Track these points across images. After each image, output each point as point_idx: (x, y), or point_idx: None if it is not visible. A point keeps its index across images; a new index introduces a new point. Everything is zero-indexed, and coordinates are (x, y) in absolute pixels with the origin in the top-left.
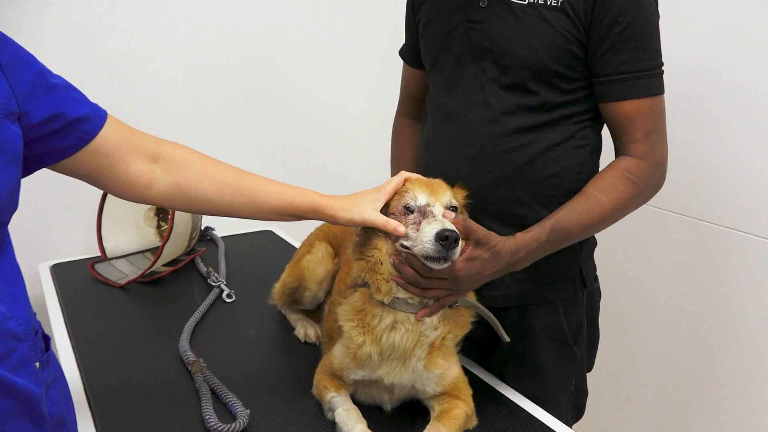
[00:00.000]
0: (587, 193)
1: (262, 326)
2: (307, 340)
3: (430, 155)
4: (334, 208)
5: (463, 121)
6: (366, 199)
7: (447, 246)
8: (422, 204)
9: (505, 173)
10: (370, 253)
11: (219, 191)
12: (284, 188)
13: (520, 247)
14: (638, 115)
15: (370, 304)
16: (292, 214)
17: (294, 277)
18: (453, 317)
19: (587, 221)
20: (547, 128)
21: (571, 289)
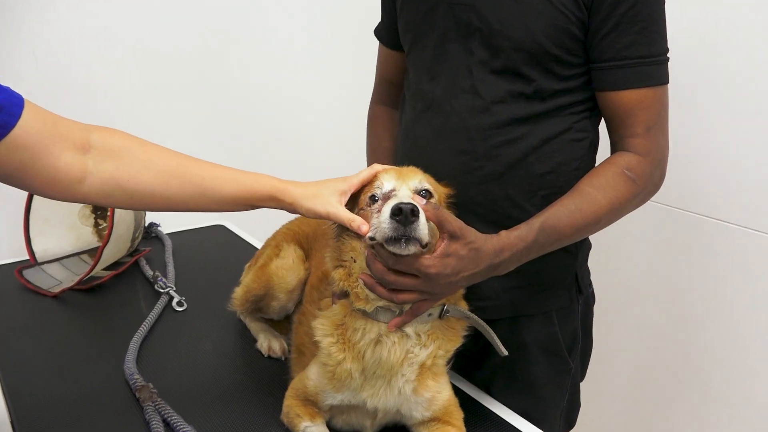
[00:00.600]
0: (581, 190)
1: (219, 338)
2: (271, 355)
3: (410, 148)
4: (295, 195)
5: (448, 110)
6: (330, 189)
7: (403, 220)
8: (387, 190)
9: (495, 170)
10: (346, 257)
11: (163, 182)
12: (238, 174)
13: (504, 246)
14: (640, 107)
15: (351, 316)
16: (248, 203)
17: (260, 284)
18: (443, 330)
19: (581, 221)
20: (543, 119)
21: (567, 297)
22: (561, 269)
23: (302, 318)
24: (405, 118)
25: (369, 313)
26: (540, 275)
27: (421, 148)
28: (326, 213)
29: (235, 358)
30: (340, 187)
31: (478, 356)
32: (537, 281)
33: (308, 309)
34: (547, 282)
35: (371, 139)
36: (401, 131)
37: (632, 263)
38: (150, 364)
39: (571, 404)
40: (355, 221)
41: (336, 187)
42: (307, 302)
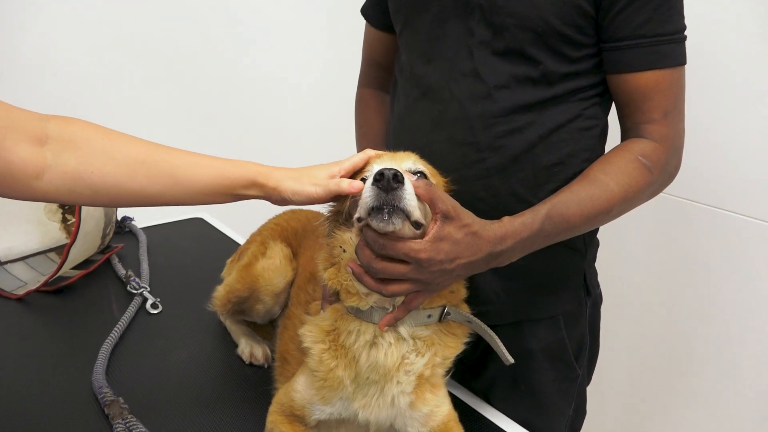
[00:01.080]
0: (592, 176)
1: (197, 343)
2: (253, 362)
3: (403, 139)
4: (278, 177)
5: (447, 97)
6: (318, 171)
7: (384, 185)
8: (377, 170)
9: (498, 162)
10: (337, 251)
11: (130, 173)
12: (215, 160)
13: (507, 233)
14: (657, 90)
15: (343, 320)
16: (228, 192)
17: (245, 285)
18: (442, 336)
19: (591, 210)
20: (550, 106)
21: (575, 300)
22: (569, 269)
23: (288, 323)
24: (398, 105)
25: (363, 313)
26: (546, 276)
27: (417, 139)
28: (314, 190)
29: (214, 366)
30: (330, 170)
31: (477, 363)
32: (542, 283)
33: (294, 313)
34: (553, 283)
35: (360, 124)
36: (393, 120)
37: (635, 256)
38: (121, 375)
39: (576, 412)
40: (343, 181)
41: (324, 171)
42: (293, 305)
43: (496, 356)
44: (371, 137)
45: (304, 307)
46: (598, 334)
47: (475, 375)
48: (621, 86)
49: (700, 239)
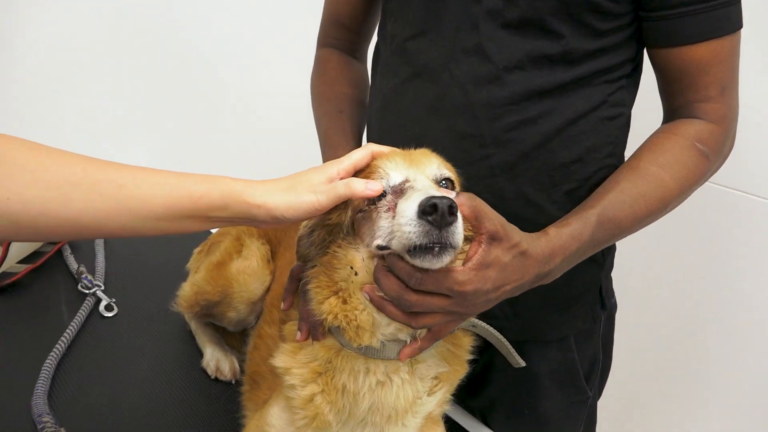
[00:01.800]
0: (643, 169)
1: (157, 353)
2: (219, 377)
3: (391, 127)
4: (262, 191)
5: (446, 80)
6: (312, 177)
7: (438, 222)
8: (397, 182)
9: (506, 159)
10: (340, 276)
11: (62, 197)
12: (172, 177)
13: (555, 249)
14: (715, 62)
15: (342, 358)
16: (195, 216)
17: (216, 287)
18: (446, 356)
19: (644, 210)
20: (570, 91)
21: (589, 317)
22: (584, 284)
23: (259, 342)
24: (382, 82)
25: (373, 350)
26: (559, 294)
27: (408, 128)
28: (314, 199)
29: (176, 383)
30: (327, 173)
31: (475, 380)
32: (554, 301)
33: (267, 332)
34: (566, 301)
35: (320, 87)
36: (377, 100)
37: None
38: (67, 397)
39: (587, 429)
40: (355, 181)
41: (321, 174)
42: (265, 322)
43: (497, 375)
44: (335, 100)
45: (277, 326)
46: (611, 346)
47: (472, 392)
48: (671, 61)
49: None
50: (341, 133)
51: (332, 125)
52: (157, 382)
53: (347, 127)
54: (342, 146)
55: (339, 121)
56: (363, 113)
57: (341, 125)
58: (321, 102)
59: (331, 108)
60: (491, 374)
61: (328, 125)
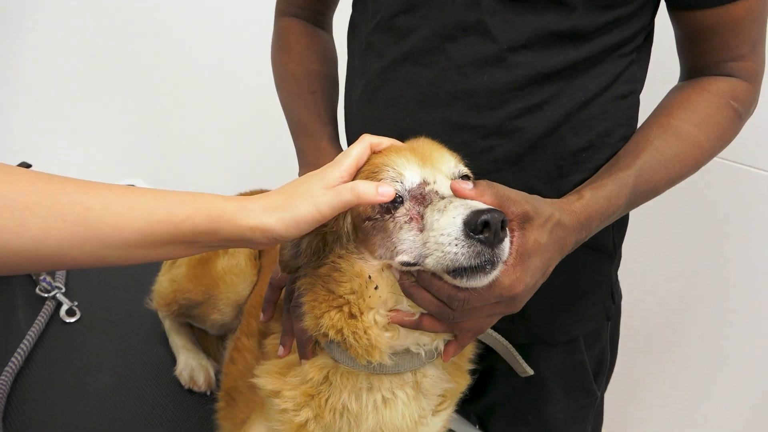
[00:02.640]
0: (677, 128)
1: (124, 363)
2: (193, 388)
3: (376, 119)
4: (256, 210)
5: (441, 62)
6: (314, 182)
7: (491, 239)
8: (414, 184)
9: (512, 150)
10: (346, 290)
11: (18, 223)
12: (150, 197)
13: (592, 214)
14: (749, 20)
15: (341, 375)
16: (177, 242)
17: (199, 286)
18: (448, 369)
19: (678, 172)
20: (581, 71)
21: (601, 315)
22: (595, 280)
23: (236, 355)
24: (365, 66)
25: (384, 366)
26: (568, 292)
27: (396, 119)
28: (316, 212)
29: (146, 395)
30: (327, 179)
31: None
32: (563, 300)
33: (244, 344)
34: (576, 300)
35: (286, 64)
36: (356, 88)
37: None
38: (24, 416)
39: (594, 427)
40: (366, 186)
41: (321, 181)
42: (242, 333)
43: (499, 380)
44: (303, 86)
45: (256, 338)
46: (618, 338)
47: (471, 398)
48: (703, 23)
49: None
50: (317, 118)
51: (305, 110)
52: (124, 396)
53: (322, 111)
54: (320, 134)
55: (312, 105)
56: (336, 92)
57: (315, 109)
58: (288, 82)
59: (302, 89)
60: (492, 379)
61: (300, 110)
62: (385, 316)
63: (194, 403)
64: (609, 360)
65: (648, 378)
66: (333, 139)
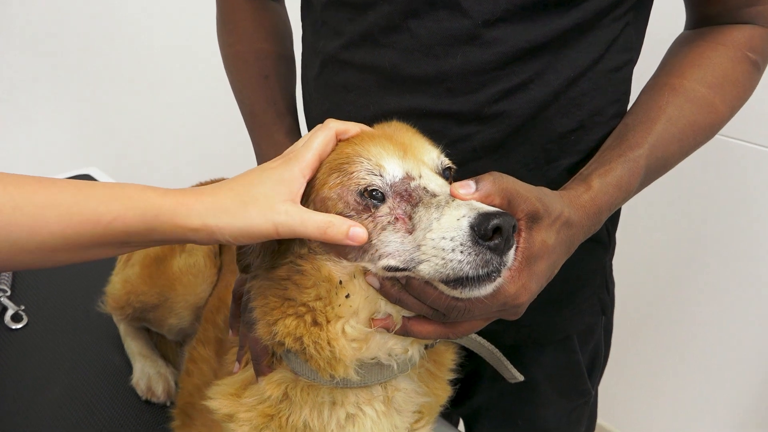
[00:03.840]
0: (691, 91)
1: (76, 372)
2: (151, 399)
3: (333, 106)
4: (201, 211)
5: (405, 42)
6: (267, 185)
7: (502, 247)
8: (396, 179)
9: (492, 137)
10: (310, 297)
11: None
12: (70, 193)
13: (602, 206)
14: None
15: (301, 389)
16: (102, 244)
17: (154, 288)
18: (430, 383)
19: (691, 143)
20: (570, 43)
21: (596, 309)
22: (588, 271)
23: (192, 367)
24: (319, 45)
25: (346, 381)
26: (560, 288)
27: (359, 107)
28: (273, 229)
29: (100, 409)
30: (287, 184)
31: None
32: (555, 296)
33: (201, 354)
34: (569, 295)
35: (233, 45)
36: (312, 69)
37: None
38: None
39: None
40: (339, 225)
41: (277, 187)
42: (199, 341)
43: (486, 383)
44: (255, 69)
45: (213, 347)
46: (611, 329)
47: (454, 401)
48: None
49: None
50: (271, 107)
51: (258, 97)
52: (77, 409)
53: (278, 98)
54: (276, 126)
55: (266, 91)
56: (293, 74)
57: (270, 95)
58: (237, 65)
59: (252, 73)
60: (478, 382)
61: (253, 98)
62: (355, 327)
63: (154, 415)
64: (603, 354)
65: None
66: (291, 132)
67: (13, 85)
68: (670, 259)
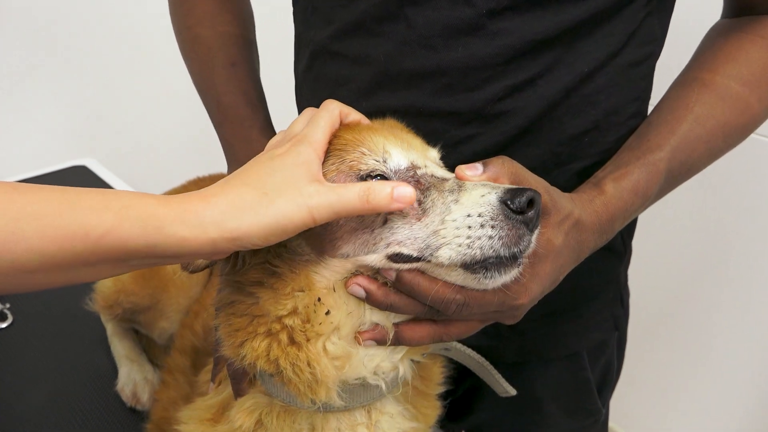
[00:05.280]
0: (722, 87)
1: (62, 374)
2: (136, 406)
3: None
4: (213, 218)
5: (401, 32)
6: (288, 168)
7: (535, 221)
8: (401, 167)
9: (496, 140)
10: (286, 306)
11: None
12: (53, 201)
13: (615, 213)
14: None
15: (276, 415)
16: (92, 263)
17: (146, 289)
18: (418, 402)
19: (720, 145)
20: (583, 34)
21: (607, 323)
22: (602, 281)
23: (168, 378)
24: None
25: (328, 406)
26: (571, 300)
27: (349, 101)
28: (308, 211)
29: (85, 415)
30: (299, 158)
31: (458, 403)
32: (564, 308)
33: (177, 364)
34: (579, 307)
35: (192, 27)
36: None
37: None
38: None
39: None
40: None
41: (296, 170)
42: (176, 350)
43: (486, 400)
44: (220, 57)
45: (190, 357)
46: (625, 341)
47: (453, 416)
48: None
49: None
50: (242, 99)
51: (226, 88)
52: (60, 416)
53: (249, 89)
54: (250, 121)
55: (235, 81)
56: (258, 62)
57: (239, 87)
58: (198, 52)
59: (217, 61)
60: (479, 399)
61: (220, 88)
62: (337, 344)
63: (139, 423)
64: (616, 368)
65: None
66: (266, 128)
67: (9, 74)
68: (687, 261)
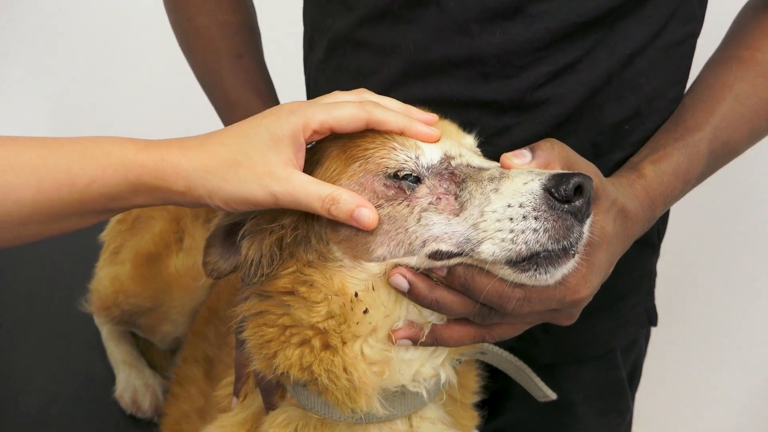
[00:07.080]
0: (763, 63)
1: (53, 382)
2: (136, 414)
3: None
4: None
5: (434, 17)
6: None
7: (585, 211)
8: (434, 161)
9: (534, 129)
10: (321, 313)
11: None
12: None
13: (656, 198)
14: None
15: (314, 430)
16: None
17: (148, 290)
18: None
19: (763, 123)
20: (624, 15)
21: (641, 318)
22: (635, 277)
23: (178, 391)
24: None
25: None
26: (604, 295)
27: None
28: (271, 196)
29: (79, 423)
30: (282, 130)
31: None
32: (598, 307)
33: (189, 375)
34: (613, 305)
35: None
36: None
37: None
38: None
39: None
40: (346, 202)
41: (272, 134)
42: (185, 360)
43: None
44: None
45: (203, 367)
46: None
47: None
48: None
49: None
50: (252, 93)
51: (233, 81)
52: (53, 425)
53: (259, 81)
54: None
55: (242, 74)
56: (262, 51)
57: (248, 80)
58: (200, 43)
59: (222, 52)
60: (507, 400)
61: (227, 82)
62: (374, 347)
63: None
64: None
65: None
66: None
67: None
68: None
